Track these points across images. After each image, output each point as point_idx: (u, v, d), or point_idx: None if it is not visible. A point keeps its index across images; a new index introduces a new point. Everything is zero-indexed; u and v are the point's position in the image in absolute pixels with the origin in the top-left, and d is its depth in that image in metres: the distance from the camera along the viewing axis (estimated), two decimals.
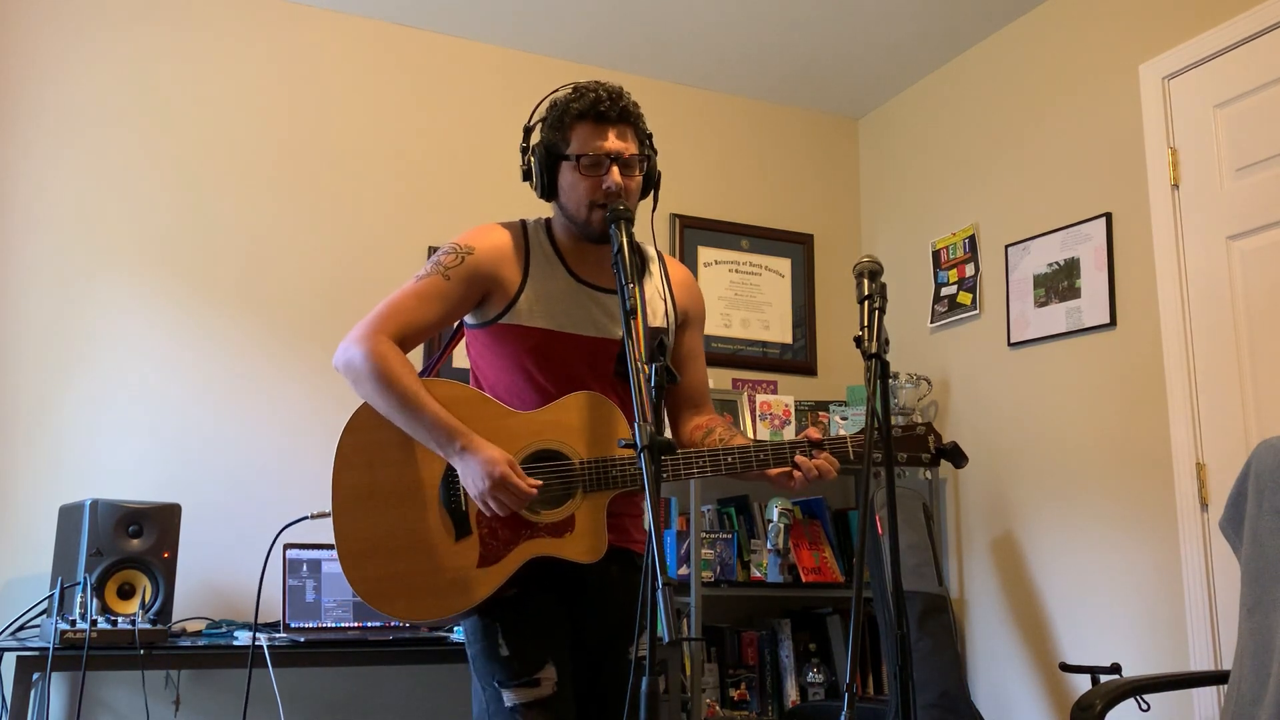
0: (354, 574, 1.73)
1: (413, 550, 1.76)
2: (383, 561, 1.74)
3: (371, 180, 3.56)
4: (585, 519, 1.78)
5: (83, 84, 3.24)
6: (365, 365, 1.74)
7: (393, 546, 1.75)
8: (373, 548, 1.75)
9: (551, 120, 1.86)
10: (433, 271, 1.81)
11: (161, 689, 2.98)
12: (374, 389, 1.75)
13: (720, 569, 3.43)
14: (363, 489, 1.77)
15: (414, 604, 1.74)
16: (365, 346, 1.75)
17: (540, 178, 1.87)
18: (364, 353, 1.74)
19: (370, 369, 1.74)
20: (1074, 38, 3.35)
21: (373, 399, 1.76)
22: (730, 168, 4.14)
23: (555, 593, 1.82)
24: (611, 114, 1.84)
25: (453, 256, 1.82)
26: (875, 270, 1.96)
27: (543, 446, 1.79)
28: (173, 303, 3.24)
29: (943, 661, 3.13)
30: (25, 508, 2.98)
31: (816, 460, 1.84)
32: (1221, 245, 2.80)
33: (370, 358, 1.74)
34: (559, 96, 1.87)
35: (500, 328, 1.84)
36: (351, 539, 1.74)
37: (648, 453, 1.44)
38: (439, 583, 1.75)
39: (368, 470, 1.77)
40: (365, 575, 1.73)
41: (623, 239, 1.70)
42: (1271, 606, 1.93)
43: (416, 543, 1.76)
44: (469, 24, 3.68)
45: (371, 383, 1.74)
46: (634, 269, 1.67)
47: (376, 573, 1.74)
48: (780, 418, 3.65)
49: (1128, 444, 3.02)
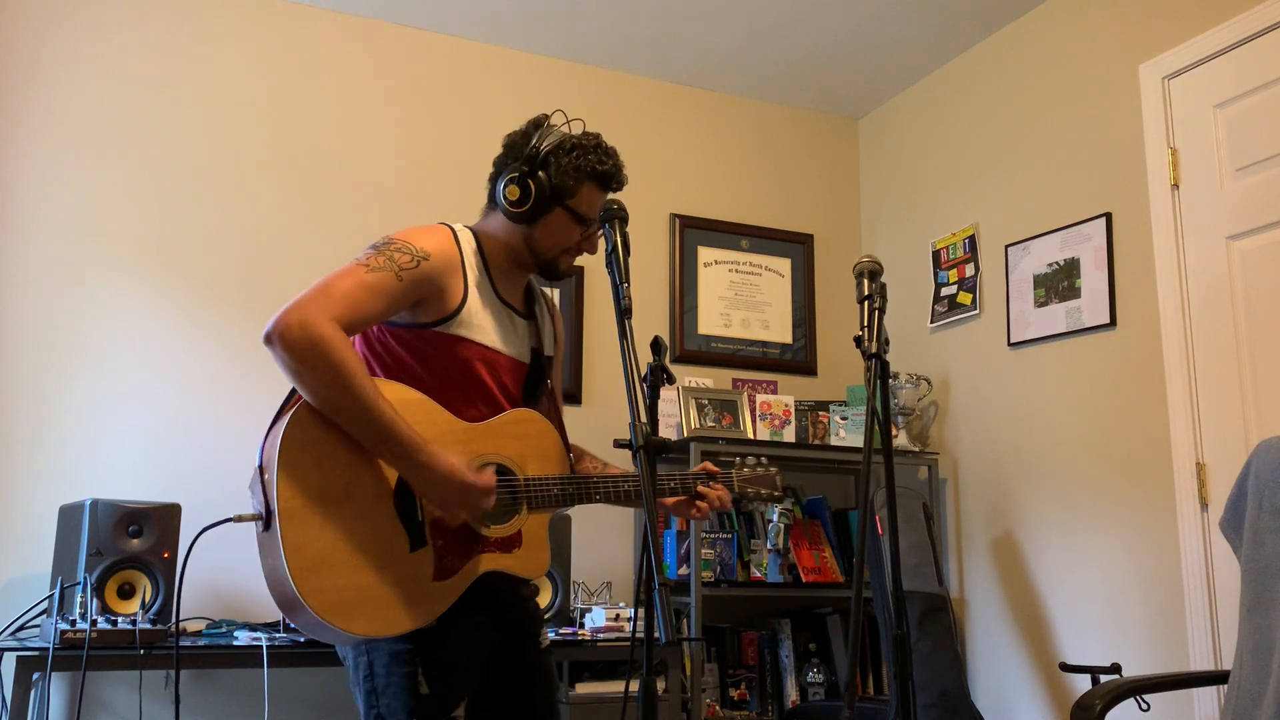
0: (307, 586, 1.54)
1: (368, 562, 1.61)
2: (338, 573, 1.58)
3: (372, 180, 3.56)
4: (531, 534, 1.78)
5: (81, 87, 3.24)
6: (321, 354, 1.56)
7: (347, 558, 1.59)
8: (326, 559, 1.57)
9: (567, 166, 1.84)
10: (386, 267, 1.69)
11: (161, 689, 2.98)
12: (327, 383, 1.57)
13: (720, 569, 3.43)
14: (312, 493, 1.59)
15: (373, 619, 1.59)
16: (322, 331, 1.57)
17: (535, 207, 1.84)
18: (321, 338, 1.57)
19: (327, 360, 1.56)
20: (1074, 38, 3.35)
21: (319, 392, 1.58)
22: (730, 168, 4.14)
23: (491, 612, 1.77)
24: (618, 186, 1.90)
25: (408, 258, 1.72)
26: (875, 270, 1.96)
27: (490, 460, 1.75)
28: (173, 303, 3.24)
29: (943, 661, 3.13)
30: (25, 508, 2.98)
31: (718, 490, 1.93)
32: (1221, 245, 2.80)
33: (328, 346, 1.57)
34: (581, 145, 1.86)
35: (439, 335, 1.76)
36: (303, 550, 1.56)
37: (643, 453, 1.44)
38: (397, 596, 1.62)
39: (316, 472, 1.60)
40: (320, 587, 1.56)
41: (617, 238, 1.69)
42: (1271, 606, 1.93)
43: (371, 554, 1.62)
44: (470, 24, 3.68)
45: (326, 375, 1.57)
46: (627, 269, 1.66)
47: (334, 584, 1.57)
48: (780, 418, 3.65)
49: (1128, 444, 3.02)
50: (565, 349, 3.68)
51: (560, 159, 1.83)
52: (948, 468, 3.69)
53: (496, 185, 1.85)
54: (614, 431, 3.68)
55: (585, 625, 3.05)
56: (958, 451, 3.67)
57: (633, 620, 2.76)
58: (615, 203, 1.73)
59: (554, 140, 1.84)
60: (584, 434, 3.67)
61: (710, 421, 3.58)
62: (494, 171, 1.88)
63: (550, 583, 3.07)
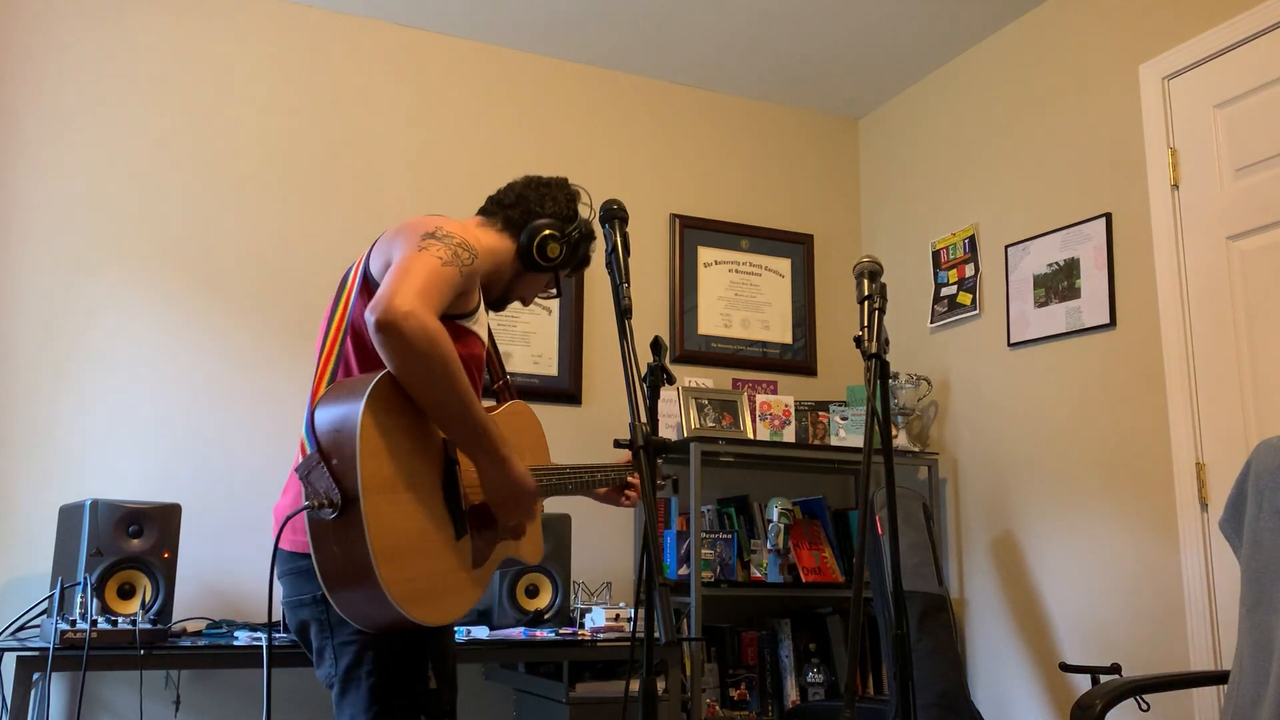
0: (391, 574, 1.54)
1: (431, 550, 1.63)
2: (412, 561, 1.59)
3: (377, 181, 3.56)
4: (530, 523, 1.87)
5: (81, 86, 3.24)
6: (436, 347, 1.57)
7: (418, 545, 1.61)
8: (402, 546, 1.58)
9: (582, 251, 2.02)
10: (454, 262, 1.70)
11: (161, 689, 2.99)
12: (438, 375, 1.58)
13: (720, 569, 3.43)
14: (388, 479, 1.58)
15: (436, 607, 1.61)
16: (435, 325, 1.58)
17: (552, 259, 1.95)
18: (436, 332, 1.57)
19: (441, 354, 1.57)
20: (1074, 38, 3.35)
21: (429, 384, 1.59)
22: (730, 168, 4.14)
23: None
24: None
25: (467, 255, 1.74)
26: (875, 270, 1.96)
27: None
28: (173, 302, 3.24)
29: (943, 661, 3.13)
30: (25, 508, 2.98)
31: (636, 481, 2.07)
32: (1221, 245, 2.80)
33: (442, 340, 1.58)
34: (591, 233, 2.04)
35: (460, 328, 1.78)
36: (385, 534, 1.55)
37: (644, 453, 1.44)
38: (453, 584, 1.65)
39: (391, 459, 1.60)
40: (402, 576, 1.56)
41: (617, 238, 1.69)
42: (1271, 606, 1.93)
43: (433, 541, 1.64)
44: (472, 25, 3.68)
45: (438, 368, 1.58)
46: (627, 269, 1.67)
47: (411, 573, 1.57)
48: (780, 418, 3.65)
49: (1128, 444, 3.02)
50: (565, 349, 3.70)
51: (582, 244, 2.00)
52: (948, 468, 3.69)
53: (532, 225, 1.92)
54: (614, 431, 3.68)
55: (585, 625, 3.05)
56: (958, 451, 3.67)
57: (633, 620, 2.76)
58: (615, 203, 1.72)
59: (586, 223, 2.01)
60: (584, 434, 3.68)
61: (710, 422, 3.59)
62: (529, 207, 1.95)
63: (550, 583, 3.07)
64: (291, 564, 1.71)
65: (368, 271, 1.75)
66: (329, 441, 1.58)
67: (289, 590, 1.73)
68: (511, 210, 1.93)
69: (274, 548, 1.67)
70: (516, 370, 3.62)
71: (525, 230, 1.91)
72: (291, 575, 1.72)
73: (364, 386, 1.60)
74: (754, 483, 3.93)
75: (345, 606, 1.58)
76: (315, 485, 1.57)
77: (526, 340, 3.65)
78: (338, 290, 1.84)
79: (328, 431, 1.59)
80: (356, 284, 1.77)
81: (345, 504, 1.54)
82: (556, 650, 2.86)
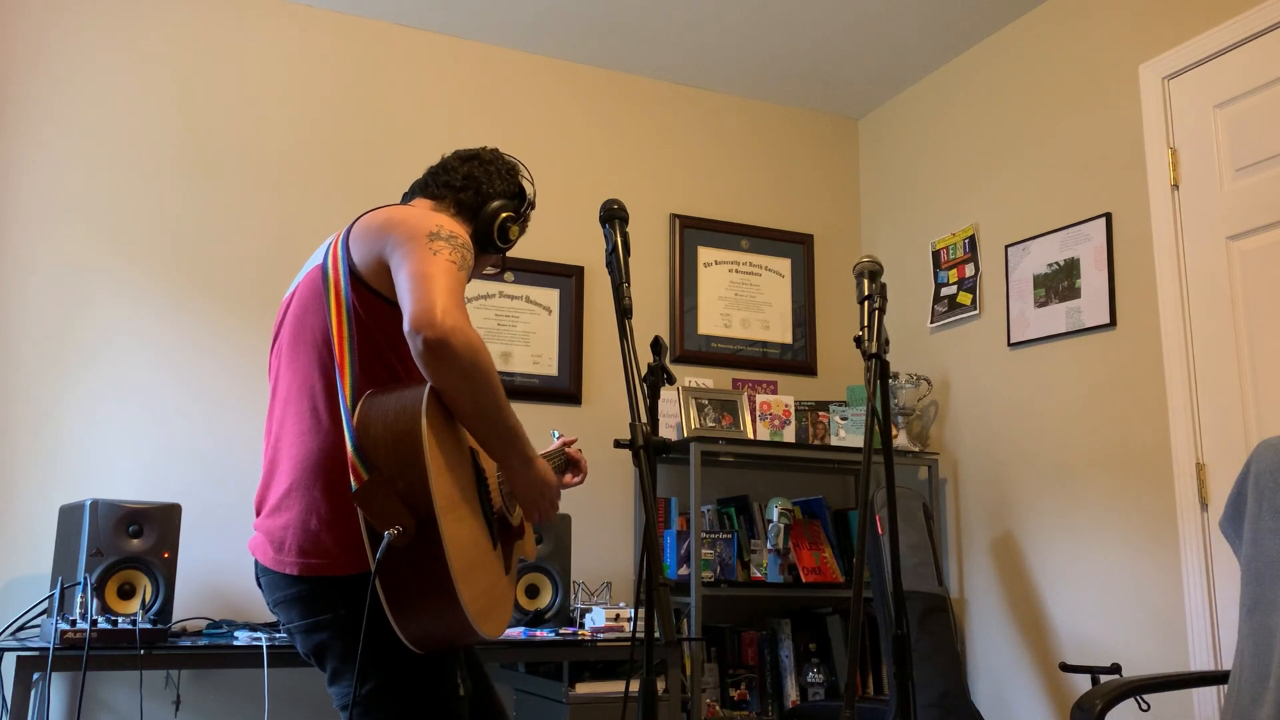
0: (469, 592, 1.49)
1: (486, 563, 1.59)
2: (479, 577, 1.54)
3: (376, 181, 3.56)
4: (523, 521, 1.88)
5: (81, 85, 3.24)
6: (480, 358, 1.52)
7: (479, 560, 1.56)
8: (471, 562, 1.53)
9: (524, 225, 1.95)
10: (463, 265, 1.64)
11: (161, 689, 2.99)
12: (484, 385, 1.54)
13: (720, 569, 3.43)
14: (453, 497, 1.53)
15: (497, 620, 1.58)
16: (476, 335, 1.53)
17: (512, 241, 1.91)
18: (478, 343, 1.52)
19: (484, 365, 1.53)
20: (1074, 38, 3.35)
21: (474, 394, 1.54)
22: (730, 168, 4.14)
23: None
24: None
25: (469, 253, 1.68)
26: (875, 270, 1.96)
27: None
28: (174, 302, 3.24)
29: (943, 661, 3.13)
30: (25, 508, 2.98)
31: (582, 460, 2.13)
32: (1221, 245, 2.80)
33: (484, 351, 1.53)
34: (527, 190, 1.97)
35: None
36: (459, 554, 1.49)
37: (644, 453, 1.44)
38: (502, 593, 1.63)
39: (450, 474, 1.53)
40: (475, 593, 1.50)
41: (617, 238, 1.68)
42: (1271, 606, 1.93)
43: (485, 553, 1.60)
44: (471, 24, 3.68)
45: (483, 379, 1.53)
46: (627, 269, 1.66)
47: (479, 588, 1.53)
48: (780, 418, 3.65)
49: (1127, 444, 3.02)
50: (565, 349, 3.70)
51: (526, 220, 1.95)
52: (948, 468, 3.69)
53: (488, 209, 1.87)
54: (614, 431, 3.68)
55: (585, 625, 3.05)
56: (958, 451, 3.67)
57: (633, 620, 2.76)
58: (615, 203, 1.71)
59: (532, 196, 1.95)
60: (584, 434, 3.68)
61: (710, 421, 3.59)
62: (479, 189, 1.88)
63: (550, 582, 3.07)
64: (293, 588, 1.59)
65: (352, 265, 1.66)
66: (390, 464, 1.49)
67: (299, 614, 1.61)
68: (463, 194, 1.88)
69: (269, 572, 1.59)
70: (516, 370, 3.62)
71: (480, 214, 1.87)
72: (297, 601, 1.60)
73: (415, 404, 1.52)
74: (754, 483, 3.93)
75: (409, 628, 1.50)
76: (382, 511, 1.48)
77: (526, 340, 3.65)
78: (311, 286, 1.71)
79: (386, 453, 1.50)
80: (344, 277, 1.66)
81: (419, 527, 1.47)
82: (556, 650, 2.86)
